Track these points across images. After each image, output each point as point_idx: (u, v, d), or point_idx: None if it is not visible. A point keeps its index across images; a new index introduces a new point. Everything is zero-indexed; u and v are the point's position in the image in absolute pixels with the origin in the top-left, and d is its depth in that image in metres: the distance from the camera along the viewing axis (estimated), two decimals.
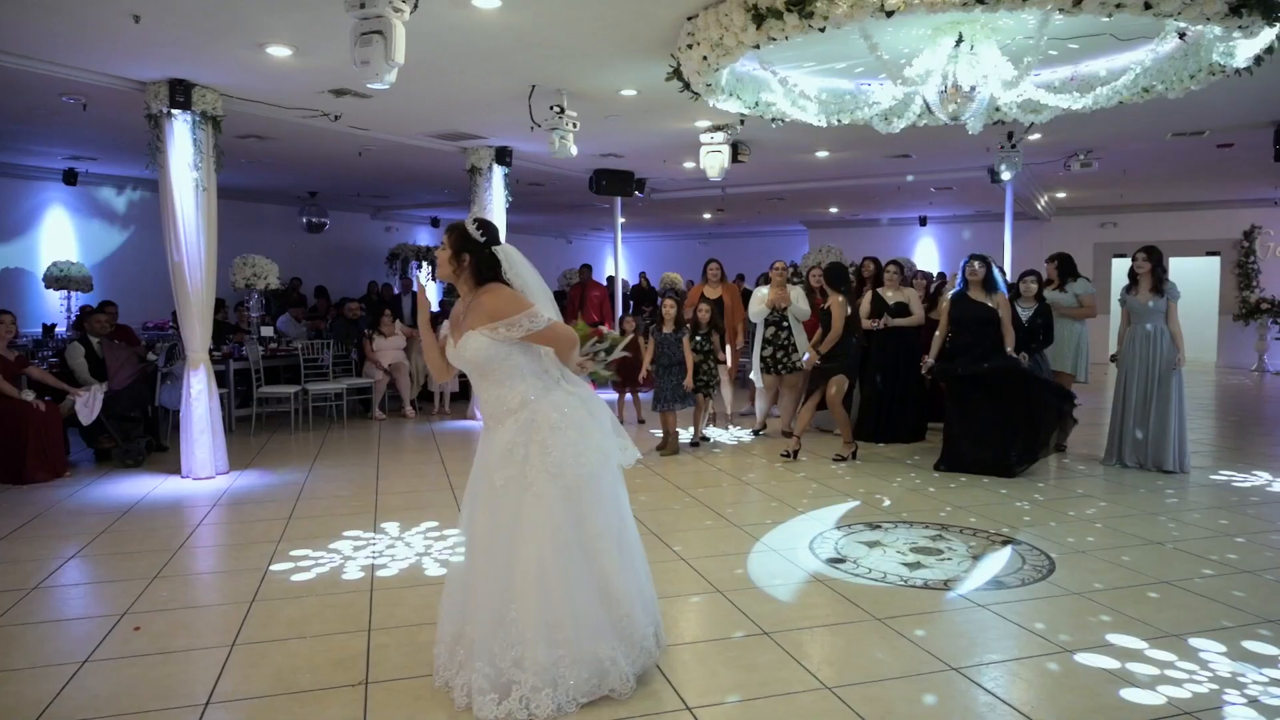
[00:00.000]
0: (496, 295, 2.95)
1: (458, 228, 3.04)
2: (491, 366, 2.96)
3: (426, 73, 6.23)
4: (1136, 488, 6.09)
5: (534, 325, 2.91)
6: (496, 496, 2.92)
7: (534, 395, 2.97)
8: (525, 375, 2.99)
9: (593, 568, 2.90)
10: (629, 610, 2.94)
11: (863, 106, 5.67)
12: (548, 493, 2.87)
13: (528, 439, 2.92)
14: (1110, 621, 3.65)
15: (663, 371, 7.48)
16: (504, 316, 2.89)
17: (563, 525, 2.87)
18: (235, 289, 9.56)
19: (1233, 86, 6.73)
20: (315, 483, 6.50)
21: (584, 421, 2.98)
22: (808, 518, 5.35)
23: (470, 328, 2.95)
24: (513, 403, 2.97)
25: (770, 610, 3.82)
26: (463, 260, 3.00)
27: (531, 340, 2.96)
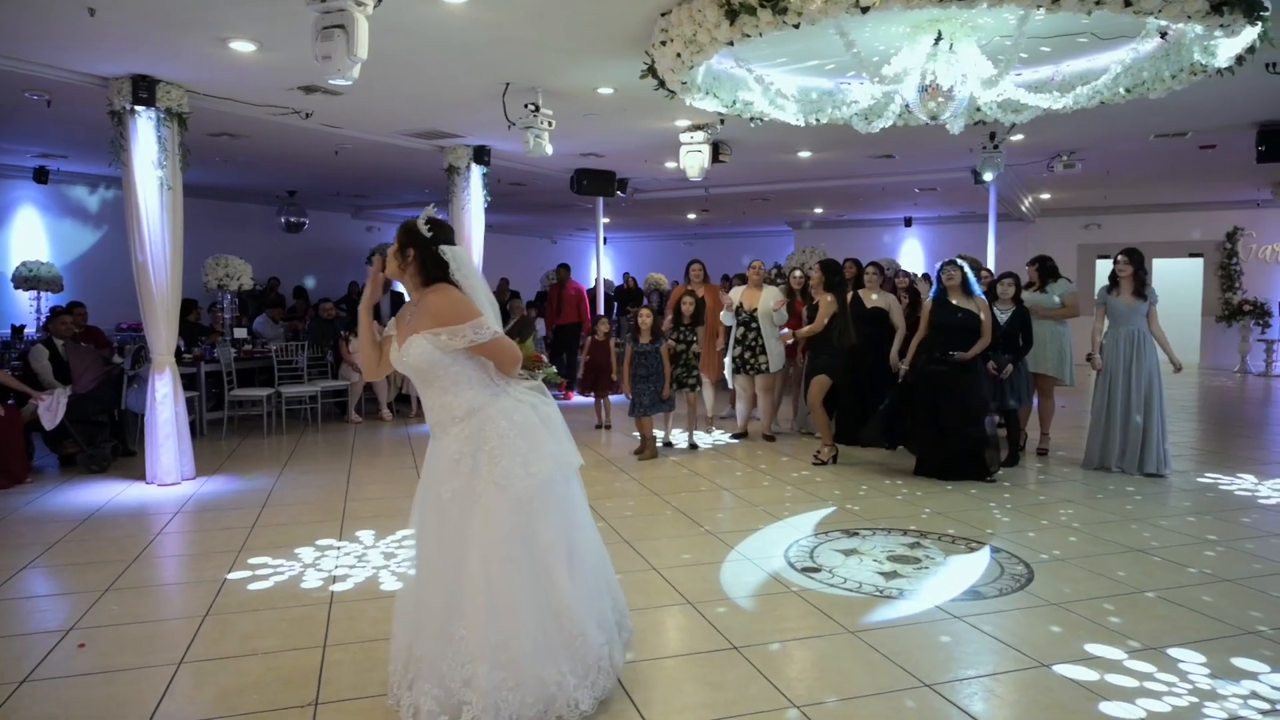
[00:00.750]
0: (443, 297, 2.81)
1: (408, 223, 2.92)
2: (436, 373, 2.83)
3: (397, 70, 6.10)
4: (1118, 492, 6.01)
5: (479, 337, 2.78)
6: (444, 509, 2.79)
7: (482, 402, 2.84)
8: (472, 382, 2.86)
9: (543, 584, 2.77)
10: (582, 629, 2.81)
11: (841, 106, 5.58)
12: (496, 505, 2.75)
13: (475, 449, 2.80)
14: (1089, 633, 3.56)
15: (639, 381, 7.37)
16: (449, 322, 2.76)
17: (511, 539, 2.75)
18: (207, 290, 9.38)
19: (1215, 87, 6.68)
20: (284, 489, 6.35)
21: (534, 429, 2.86)
22: (784, 524, 5.25)
23: (415, 330, 2.81)
24: (459, 410, 2.84)
25: (742, 622, 3.71)
26: (408, 255, 2.86)
27: (476, 351, 2.83)
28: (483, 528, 2.74)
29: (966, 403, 6.32)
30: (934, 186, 12.79)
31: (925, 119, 5.27)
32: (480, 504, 2.76)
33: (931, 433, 6.34)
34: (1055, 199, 14.51)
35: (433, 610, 2.76)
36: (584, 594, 2.88)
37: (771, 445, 7.89)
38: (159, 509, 5.81)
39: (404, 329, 2.88)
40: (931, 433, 6.34)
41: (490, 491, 2.76)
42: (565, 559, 2.85)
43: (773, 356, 7.81)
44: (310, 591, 4.15)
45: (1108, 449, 6.59)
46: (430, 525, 2.86)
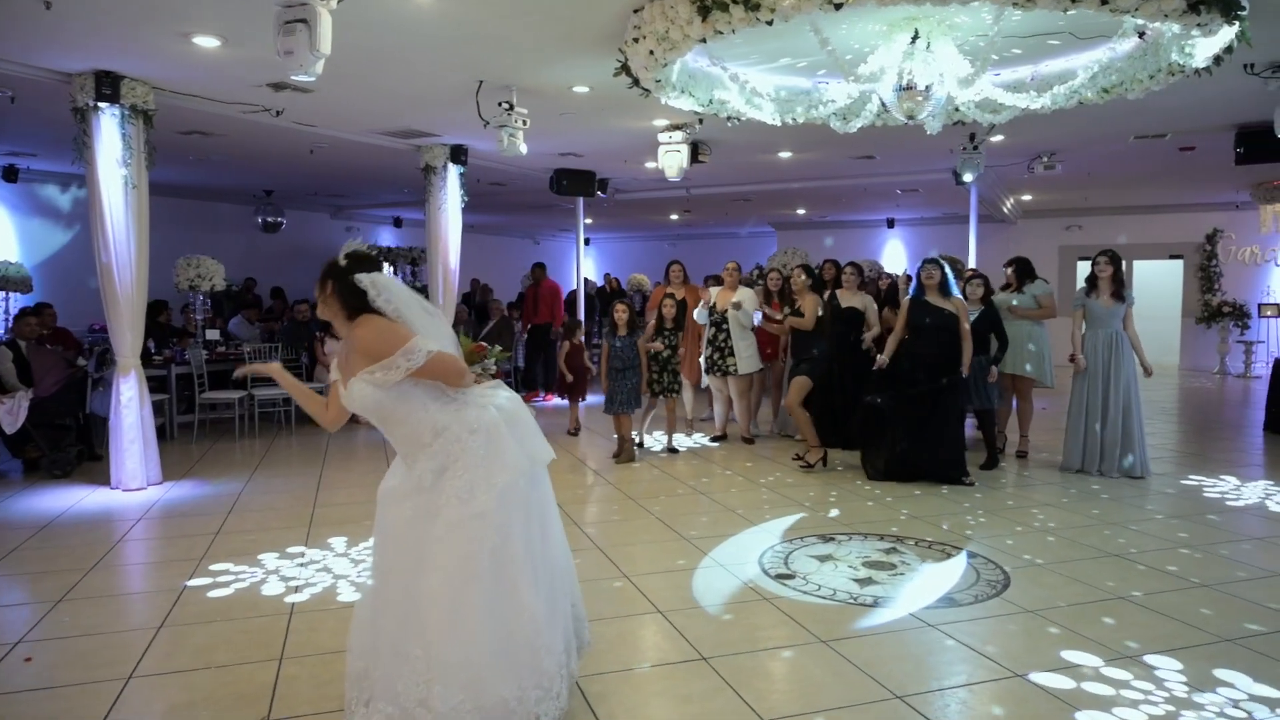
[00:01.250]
0: (368, 329, 2.70)
1: (329, 259, 2.82)
2: (389, 410, 2.73)
3: (367, 67, 5.99)
4: (1096, 496, 5.97)
5: (413, 363, 2.66)
6: (405, 526, 2.70)
7: (446, 420, 2.74)
8: (428, 405, 2.75)
9: (508, 600, 2.67)
10: (548, 641, 2.72)
11: (818, 105, 5.51)
12: (458, 519, 2.65)
13: (439, 465, 2.71)
14: (1064, 641, 3.49)
15: (616, 375, 7.29)
16: (379, 356, 2.66)
17: (475, 555, 2.65)
18: (179, 290, 9.22)
19: (1194, 89, 6.67)
20: (252, 494, 6.22)
21: (497, 434, 2.76)
22: (760, 529, 5.17)
23: (353, 373, 2.72)
24: (425, 436, 2.74)
25: (711, 632, 3.62)
26: (326, 288, 2.76)
27: (416, 376, 2.71)
28: (445, 543, 2.65)
29: (950, 410, 6.27)
30: (916, 188, 12.76)
31: (903, 119, 5.21)
32: (442, 518, 2.66)
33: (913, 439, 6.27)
34: (1037, 200, 14.52)
35: (389, 627, 2.66)
36: (549, 602, 2.79)
37: (751, 448, 7.82)
38: (122, 515, 5.68)
39: (345, 371, 2.79)
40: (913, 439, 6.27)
41: (452, 505, 2.66)
42: (532, 570, 2.76)
43: (742, 359, 7.73)
44: (270, 601, 4.04)
45: (1087, 452, 6.56)
46: (389, 540, 2.76)
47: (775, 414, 8.69)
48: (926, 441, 6.24)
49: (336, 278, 2.75)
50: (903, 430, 6.28)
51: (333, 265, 2.78)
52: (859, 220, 17.34)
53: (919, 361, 6.27)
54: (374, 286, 2.74)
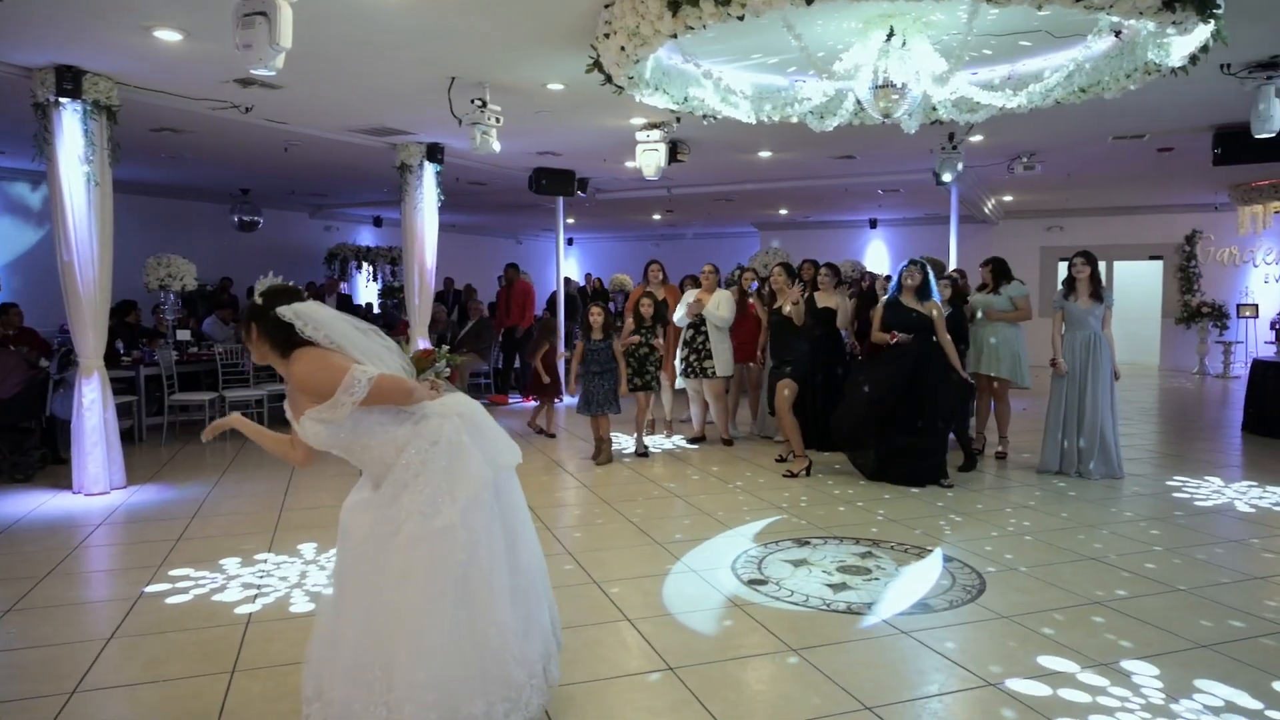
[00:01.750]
0: (305, 364, 2.59)
1: (247, 305, 2.73)
2: (346, 443, 2.64)
3: (334, 62, 5.87)
4: (1073, 498, 5.93)
5: (356, 394, 2.56)
6: (366, 541, 2.60)
7: (406, 435, 2.65)
8: (387, 427, 2.66)
9: (473, 616, 2.57)
10: (517, 653, 2.63)
11: (793, 103, 5.43)
12: (422, 534, 2.55)
13: (399, 479, 2.62)
14: (1039, 647, 3.43)
15: (592, 378, 7.20)
16: (322, 394, 2.56)
17: (439, 570, 2.55)
18: (149, 290, 9.05)
19: (1172, 90, 6.64)
20: (218, 498, 6.09)
21: (458, 445, 2.66)
22: (735, 534, 5.09)
23: (301, 410, 2.64)
24: (390, 456, 2.65)
25: (680, 641, 3.54)
26: (251, 332, 2.66)
27: (364, 404, 2.60)
28: (408, 559, 2.55)
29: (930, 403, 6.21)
30: (897, 188, 12.75)
31: (879, 117, 5.14)
32: (404, 534, 2.56)
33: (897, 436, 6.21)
34: (1018, 201, 14.54)
35: (348, 646, 2.56)
36: (523, 609, 2.72)
37: (729, 450, 7.75)
38: (83, 520, 5.53)
39: (294, 409, 2.70)
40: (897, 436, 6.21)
41: (414, 521, 2.56)
42: (501, 579, 2.66)
43: (720, 362, 7.65)
44: (227, 610, 3.92)
45: (1064, 454, 6.53)
46: (350, 556, 2.66)
47: (754, 415, 8.62)
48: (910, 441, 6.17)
49: (257, 318, 2.64)
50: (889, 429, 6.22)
51: (251, 307, 2.68)
52: (841, 220, 17.33)
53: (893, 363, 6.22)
54: (299, 318, 2.61)
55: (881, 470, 6.35)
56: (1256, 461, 7.26)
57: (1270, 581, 4.24)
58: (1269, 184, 11.61)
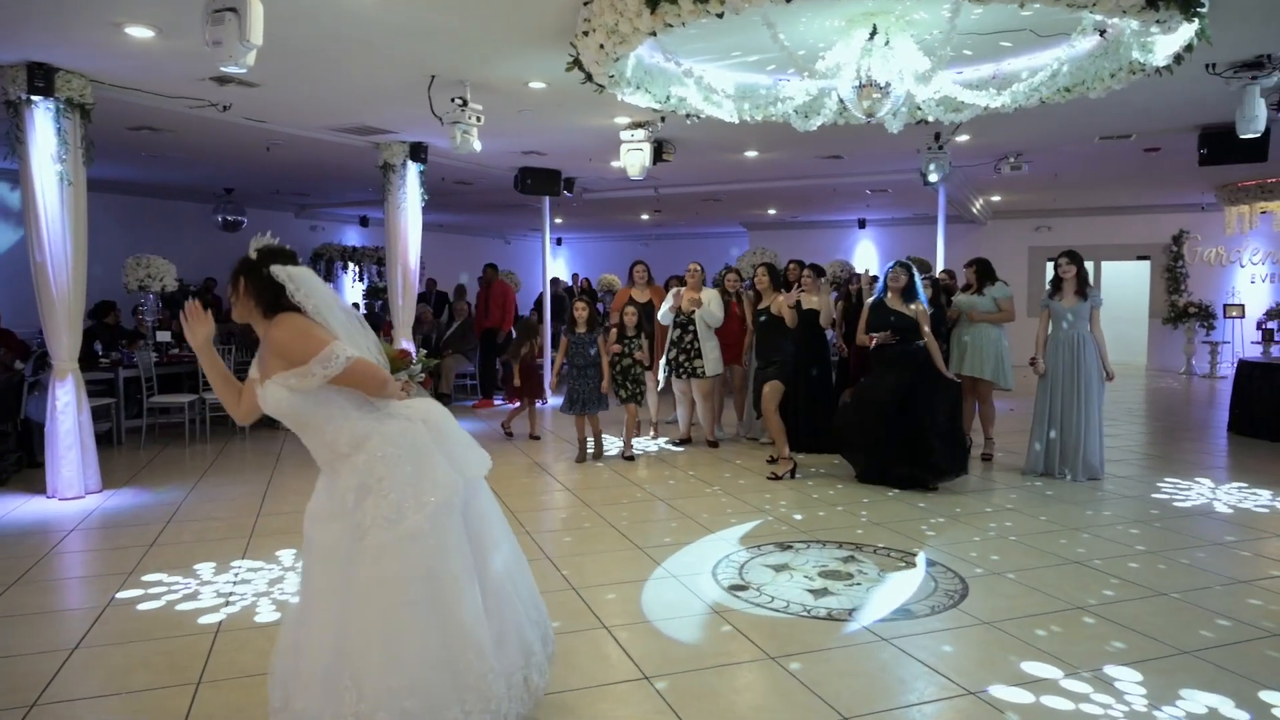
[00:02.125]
0: (286, 329, 2.52)
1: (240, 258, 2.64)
2: (305, 415, 2.56)
3: (313, 61, 5.79)
4: (1058, 500, 5.90)
5: (330, 369, 2.49)
6: (331, 550, 2.53)
7: (366, 430, 2.58)
8: (349, 413, 2.58)
9: (446, 623, 2.50)
10: (491, 662, 2.56)
11: (776, 102, 5.38)
12: (387, 543, 2.48)
13: (360, 483, 2.53)
14: (1021, 654, 3.38)
15: (576, 373, 7.13)
16: (296, 362, 2.49)
17: (408, 579, 2.49)
18: (128, 291, 8.93)
19: (1158, 89, 6.62)
20: (195, 502, 6.00)
21: (424, 451, 2.60)
22: (717, 538, 5.03)
23: (269, 374, 2.54)
24: (344, 446, 2.56)
25: (657, 649, 3.48)
26: (239, 286, 2.57)
27: (334, 383, 2.54)
28: (375, 568, 2.48)
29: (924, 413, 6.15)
30: (885, 188, 12.72)
31: (862, 116, 5.09)
32: (369, 541, 2.49)
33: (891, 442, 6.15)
34: (1006, 201, 14.54)
35: (316, 655, 2.49)
36: (496, 618, 2.65)
37: (715, 451, 7.69)
38: (56, 525, 5.44)
39: (261, 371, 2.61)
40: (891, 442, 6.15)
41: (379, 527, 2.49)
42: (472, 588, 2.59)
43: (709, 360, 7.60)
44: (196, 618, 3.84)
45: (1049, 455, 6.50)
46: (315, 564, 2.58)
47: (740, 417, 8.57)
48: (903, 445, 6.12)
49: (249, 273, 2.56)
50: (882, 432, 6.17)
51: (244, 261, 2.59)
52: (830, 221, 17.30)
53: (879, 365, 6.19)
54: (291, 280, 2.55)
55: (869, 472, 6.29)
56: (1242, 463, 7.25)
57: (1254, 585, 4.21)
58: (1255, 184, 11.63)
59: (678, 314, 7.64)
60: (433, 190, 12.47)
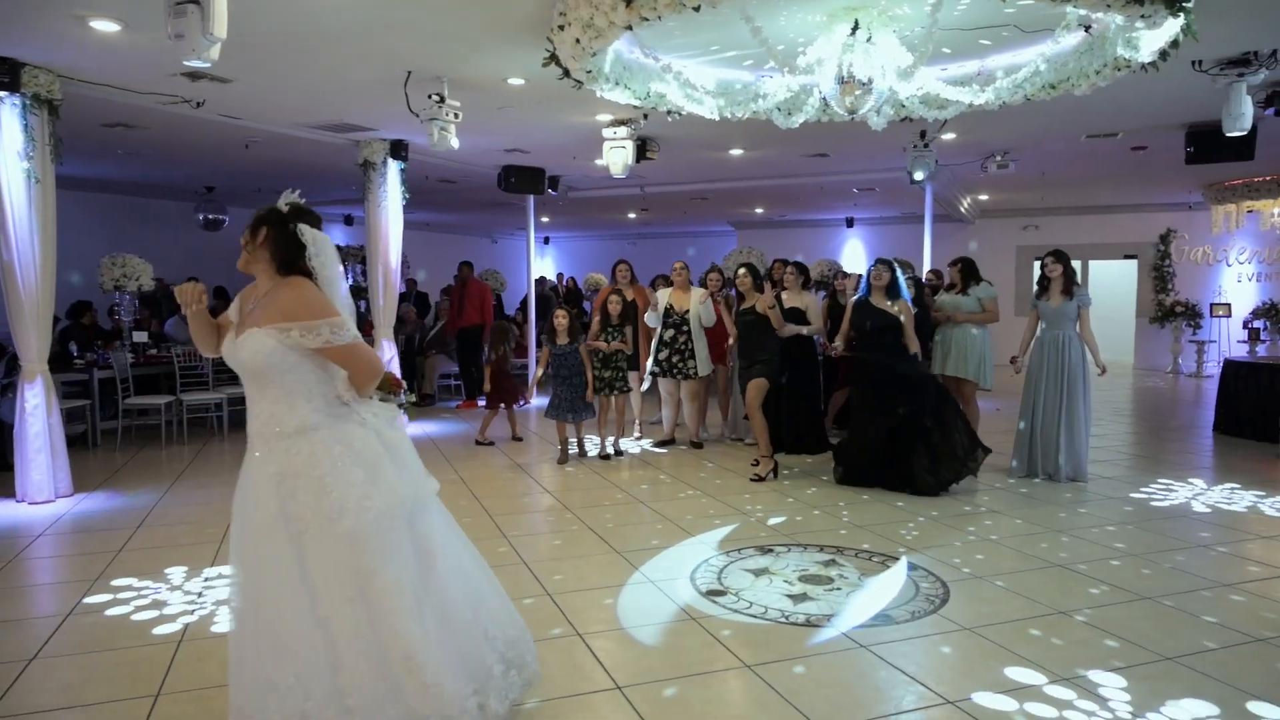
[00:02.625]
0: (299, 290, 2.46)
1: (266, 206, 2.58)
2: (273, 375, 2.46)
3: (283, 55, 5.67)
4: (1043, 502, 5.84)
5: (336, 338, 2.44)
6: (259, 540, 2.44)
7: (316, 422, 2.48)
8: (312, 395, 2.50)
9: (379, 631, 2.42)
10: (438, 678, 2.46)
11: (757, 98, 5.30)
12: (326, 540, 2.41)
13: (299, 472, 2.44)
14: (1001, 661, 3.31)
15: (560, 383, 7.05)
16: (302, 318, 2.41)
17: (346, 578, 2.41)
18: (104, 291, 8.79)
19: (1145, 88, 6.58)
20: (168, 506, 5.88)
21: (378, 459, 2.52)
22: (697, 541, 4.95)
23: (259, 324, 2.44)
24: (289, 425, 2.46)
25: (631, 658, 3.39)
26: (259, 234, 2.51)
27: (330, 356, 2.48)
28: (315, 564, 2.41)
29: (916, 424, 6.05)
30: (872, 187, 12.66)
31: (843, 113, 5.01)
32: (309, 537, 2.42)
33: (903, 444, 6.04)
34: (994, 200, 14.51)
35: (258, 656, 2.41)
36: (446, 639, 2.54)
37: (699, 453, 7.61)
38: (24, 530, 5.32)
39: (245, 318, 2.52)
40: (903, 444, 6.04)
41: (320, 524, 2.41)
42: (412, 601, 2.50)
43: (701, 360, 7.52)
44: (159, 627, 3.74)
45: (1033, 456, 6.44)
46: (247, 559, 2.49)
47: (725, 417, 8.49)
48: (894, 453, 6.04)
49: (275, 224, 2.52)
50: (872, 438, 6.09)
51: (273, 211, 2.55)
52: (818, 220, 17.25)
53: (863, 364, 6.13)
54: (314, 243, 2.51)
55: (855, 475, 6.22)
56: (1227, 463, 7.21)
57: (1239, 589, 4.15)
58: (1242, 183, 11.61)
59: (669, 314, 7.55)
60: (416, 189, 12.37)
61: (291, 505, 2.42)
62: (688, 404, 7.74)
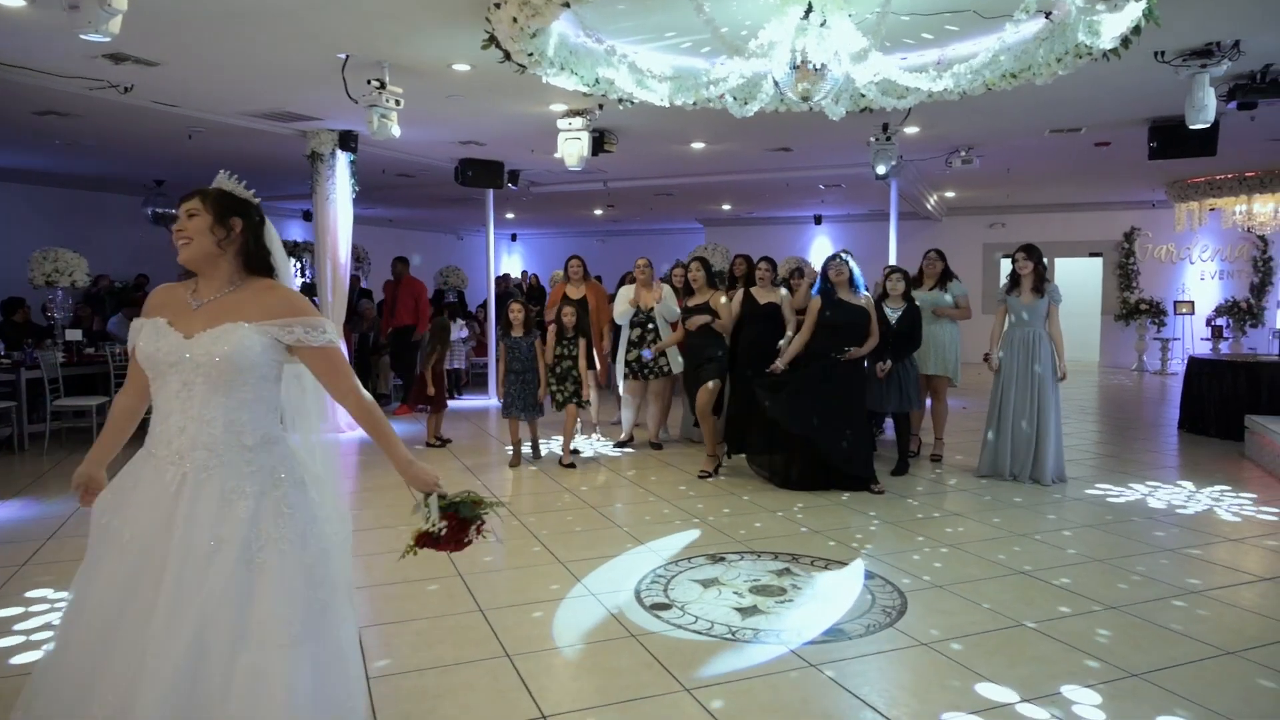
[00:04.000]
0: (286, 290, 2.25)
1: (216, 189, 2.24)
2: (248, 378, 2.15)
3: (210, 36, 5.34)
4: (1009, 504, 5.66)
5: (331, 339, 2.22)
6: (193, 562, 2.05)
7: (276, 435, 2.23)
8: (272, 408, 2.24)
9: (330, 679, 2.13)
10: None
11: (708, 85, 5.07)
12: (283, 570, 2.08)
13: (261, 490, 2.12)
14: (954, 679, 3.10)
15: (514, 378, 6.76)
16: (304, 313, 2.19)
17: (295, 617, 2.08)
18: (34, 286, 8.37)
19: (1107, 81, 6.45)
20: (87, 515, 5.52)
21: (326, 478, 2.32)
22: (647, 549, 4.71)
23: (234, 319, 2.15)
24: (249, 437, 2.15)
25: (561, 681, 3.14)
26: (231, 228, 2.19)
27: (317, 357, 2.22)
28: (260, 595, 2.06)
29: (853, 405, 5.93)
30: (838, 183, 12.51)
31: (796, 99, 4.80)
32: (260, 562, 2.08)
33: (807, 438, 5.89)
34: (960, 198, 14.42)
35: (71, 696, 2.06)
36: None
37: (657, 454, 7.37)
38: None
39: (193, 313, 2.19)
40: (807, 438, 5.89)
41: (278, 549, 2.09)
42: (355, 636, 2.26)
43: (673, 358, 7.28)
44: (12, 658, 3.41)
45: (999, 456, 6.27)
46: (144, 576, 2.07)
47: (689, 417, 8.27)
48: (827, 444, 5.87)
49: (249, 216, 2.24)
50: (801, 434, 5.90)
51: (246, 203, 2.25)
52: (786, 217, 17.10)
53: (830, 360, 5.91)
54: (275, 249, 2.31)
55: (805, 478, 6.00)
56: (1193, 462, 7.10)
57: (1206, 596, 3.98)
58: (1204, 180, 11.60)
59: (636, 311, 7.31)
60: (374, 183, 12.03)
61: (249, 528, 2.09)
62: (653, 403, 7.50)
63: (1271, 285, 13.67)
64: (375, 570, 4.35)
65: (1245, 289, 13.87)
